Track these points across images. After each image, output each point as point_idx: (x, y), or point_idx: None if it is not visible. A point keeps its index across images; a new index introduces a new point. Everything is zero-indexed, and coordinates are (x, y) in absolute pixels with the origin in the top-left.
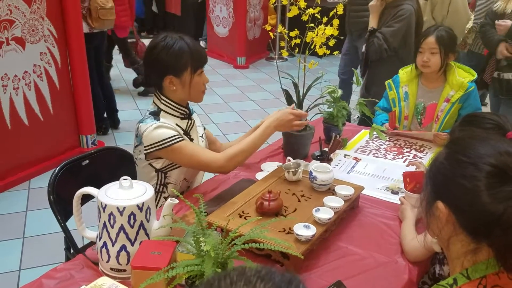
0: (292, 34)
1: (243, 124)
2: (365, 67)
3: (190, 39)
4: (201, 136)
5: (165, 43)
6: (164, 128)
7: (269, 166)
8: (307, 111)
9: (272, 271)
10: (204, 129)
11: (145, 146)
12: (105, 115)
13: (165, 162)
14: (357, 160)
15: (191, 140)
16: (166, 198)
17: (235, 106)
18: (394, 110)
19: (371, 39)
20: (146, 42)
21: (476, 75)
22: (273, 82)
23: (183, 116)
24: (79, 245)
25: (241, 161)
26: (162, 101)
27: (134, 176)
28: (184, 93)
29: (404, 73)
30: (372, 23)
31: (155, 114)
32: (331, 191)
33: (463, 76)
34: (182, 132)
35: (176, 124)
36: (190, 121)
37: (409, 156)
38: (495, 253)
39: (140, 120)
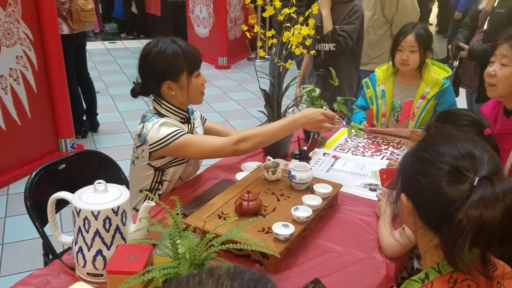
0: (269, 34)
1: (226, 124)
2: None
3: (183, 42)
4: None
5: (158, 48)
6: (168, 125)
7: (249, 166)
8: (286, 110)
9: (242, 270)
10: (205, 120)
11: (149, 145)
12: (84, 118)
13: (166, 160)
14: (336, 158)
15: None
16: (160, 196)
17: (217, 107)
18: (371, 108)
19: (336, 38)
20: (126, 43)
21: (451, 72)
22: (255, 82)
23: (183, 120)
24: (59, 250)
25: (255, 144)
26: (163, 105)
27: (113, 180)
28: (183, 96)
29: (381, 71)
30: (328, 24)
31: (159, 116)
32: (310, 190)
33: (438, 73)
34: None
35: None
36: (190, 125)
37: (386, 153)
38: (443, 250)
39: (144, 120)
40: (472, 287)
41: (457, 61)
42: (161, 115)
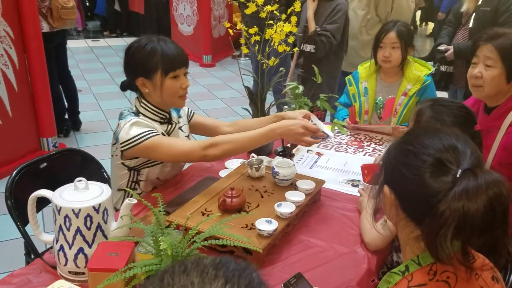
0: (251, 31)
1: None
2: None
3: (169, 43)
4: (187, 136)
5: (138, 44)
6: (140, 125)
7: (233, 163)
8: (269, 108)
9: (227, 260)
10: (192, 115)
11: (120, 144)
12: (66, 116)
13: (139, 160)
14: (319, 155)
15: None
16: (139, 195)
17: (202, 105)
18: (354, 105)
19: (318, 38)
20: (109, 41)
21: (432, 69)
22: (240, 80)
23: (162, 121)
24: (41, 250)
25: (226, 151)
26: (142, 104)
27: (96, 178)
28: (157, 96)
29: (363, 68)
30: (312, 25)
31: (135, 114)
32: (293, 186)
33: (419, 70)
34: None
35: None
36: (170, 126)
37: (369, 149)
38: (424, 241)
39: (120, 117)
40: (451, 279)
41: (443, 66)
42: (138, 113)
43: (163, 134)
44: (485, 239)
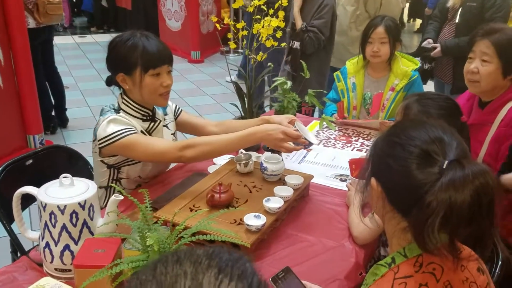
0: (239, 25)
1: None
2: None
3: (152, 39)
4: (173, 134)
5: (120, 39)
6: (117, 123)
7: (221, 159)
8: (257, 104)
9: (221, 250)
10: (180, 112)
11: (98, 141)
12: (53, 113)
13: (118, 158)
14: (308, 150)
15: None
16: (120, 193)
17: (191, 101)
18: (342, 100)
19: (305, 35)
20: (96, 38)
21: (419, 64)
22: (229, 76)
23: (144, 118)
24: (28, 248)
25: (203, 153)
26: (124, 100)
27: (82, 175)
28: (137, 93)
29: (351, 64)
30: (298, 21)
31: (116, 111)
32: (281, 181)
33: (407, 65)
34: (143, 132)
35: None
36: (153, 123)
37: (357, 144)
38: (411, 232)
39: (101, 113)
40: (437, 270)
41: (426, 64)
42: (120, 110)
43: (143, 132)
44: (471, 230)
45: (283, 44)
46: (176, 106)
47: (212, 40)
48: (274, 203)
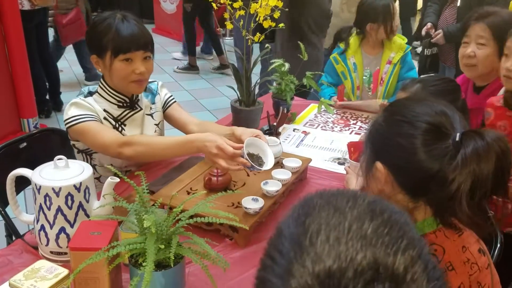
0: (236, 5)
1: (196, 103)
2: None
3: (131, 22)
4: (157, 125)
5: (98, 18)
6: (79, 107)
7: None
8: (255, 86)
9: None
10: (171, 103)
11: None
12: (47, 97)
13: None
14: (306, 133)
15: (122, 129)
16: (98, 179)
17: (186, 85)
18: (344, 83)
19: None
20: None
21: (406, 40)
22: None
23: (120, 104)
24: (23, 232)
25: (138, 153)
26: (101, 84)
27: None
28: (108, 78)
29: (354, 51)
30: None
31: (90, 93)
32: (279, 164)
33: (400, 38)
34: (109, 117)
35: (105, 110)
36: (129, 111)
37: (355, 127)
38: (433, 209)
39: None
40: (439, 252)
41: (427, 49)
42: (95, 93)
43: (114, 117)
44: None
45: (281, 25)
46: (169, 97)
47: None
48: (272, 186)
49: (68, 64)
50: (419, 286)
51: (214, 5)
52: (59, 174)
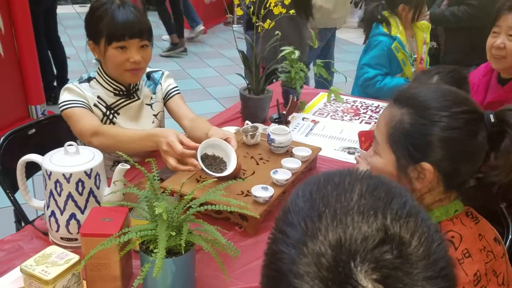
0: None
1: (203, 91)
2: None
3: (129, 8)
4: (155, 116)
5: (96, 4)
6: (71, 92)
7: (228, 131)
8: (264, 74)
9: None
10: (173, 95)
11: None
12: (55, 83)
13: None
14: (315, 122)
15: (113, 117)
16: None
17: (194, 73)
18: (405, 69)
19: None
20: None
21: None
22: (232, 47)
23: (116, 92)
24: (32, 218)
25: (102, 144)
26: (99, 70)
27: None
28: (104, 65)
29: (399, 32)
30: None
31: (88, 79)
32: (289, 153)
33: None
34: (100, 104)
35: (99, 97)
36: (125, 99)
37: (365, 117)
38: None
39: None
40: (456, 238)
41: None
42: (93, 78)
43: (107, 105)
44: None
45: (291, 12)
46: (172, 88)
47: (215, 11)
48: (282, 175)
49: (76, 51)
50: (424, 248)
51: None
52: (70, 160)
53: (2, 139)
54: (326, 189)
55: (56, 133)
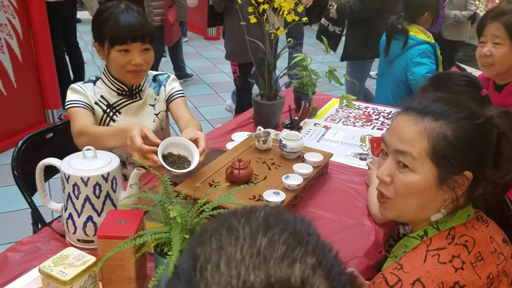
0: None
1: (215, 96)
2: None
3: (132, 12)
4: (156, 115)
5: (102, 7)
6: (75, 92)
7: (240, 136)
8: (277, 80)
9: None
10: (176, 97)
11: None
12: None
13: None
14: (327, 128)
15: (113, 115)
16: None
17: (207, 79)
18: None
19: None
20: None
21: None
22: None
23: (119, 92)
24: (48, 220)
25: (85, 143)
26: (104, 70)
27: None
28: (108, 65)
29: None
30: None
31: (94, 80)
32: (300, 159)
33: None
34: (101, 103)
35: (102, 96)
36: (127, 99)
37: (377, 123)
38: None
39: None
40: (469, 242)
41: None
42: (96, 80)
43: (110, 104)
44: None
45: (304, 19)
46: (175, 91)
47: None
48: (293, 180)
49: (91, 56)
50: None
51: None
52: (88, 164)
53: (20, 143)
54: (212, 239)
55: (72, 137)
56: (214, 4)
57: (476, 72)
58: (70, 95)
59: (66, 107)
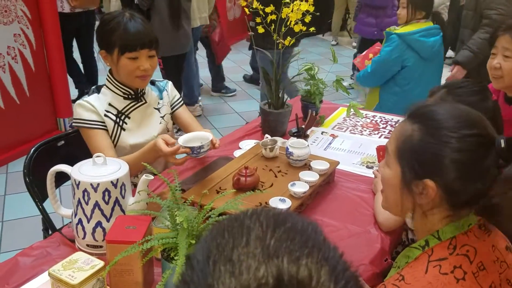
0: (268, 9)
1: (225, 106)
2: None
3: (138, 21)
4: (162, 117)
5: (107, 16)
6: (82, 109)
7: (247, 144)
8: (284, 90)
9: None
10: (179, 106)
11: None
12: None
13: None
14: (334, 136)
15: (123, 123)
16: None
17: None
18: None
19: None
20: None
21: None
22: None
23: (126, 96)
24: (59, 226)
25: None
26: (108, 77)
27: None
28: (116, 72)
29: None
30: None
31: (97, 89)
32: (307, 166)
33: None
34: (110, 113)
35: (110, 104)
36: (135, 102)
37: (384, 132)
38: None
39: None
40: (471, 252)
41: None
42: (100, 88)
43: (119, 110)
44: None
45: (312, 29)
46: (177, 99)
47: (238, 27)
48: (300, 187)
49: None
50: None
51: (246, 10)
52: (97, 170)
53: (32, 150)
54: (225, 234)
55: (83, 144)
56: (138, 3)
57: None
58: (81, 112)
59: (81, 124)
